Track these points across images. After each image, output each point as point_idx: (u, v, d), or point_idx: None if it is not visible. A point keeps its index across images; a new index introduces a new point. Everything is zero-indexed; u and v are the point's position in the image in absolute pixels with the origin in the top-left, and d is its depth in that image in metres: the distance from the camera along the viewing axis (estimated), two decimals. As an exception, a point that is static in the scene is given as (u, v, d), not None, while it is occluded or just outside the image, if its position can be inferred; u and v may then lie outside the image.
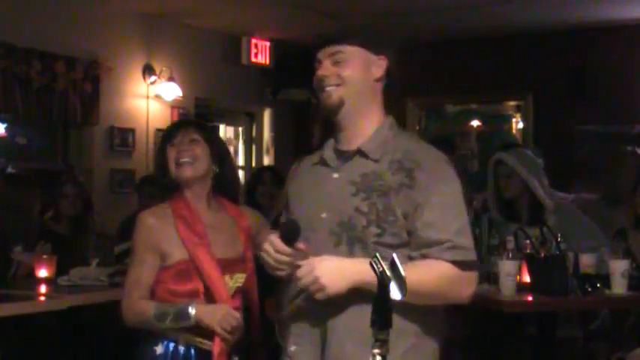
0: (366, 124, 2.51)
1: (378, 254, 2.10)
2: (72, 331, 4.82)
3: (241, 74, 8.57)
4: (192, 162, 3.12)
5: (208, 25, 8.08)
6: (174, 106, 7.79)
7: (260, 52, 8.54)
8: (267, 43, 8.59)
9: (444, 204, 2.39)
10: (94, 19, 7.13)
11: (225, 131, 9.14)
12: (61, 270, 4.76)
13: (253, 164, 9.05)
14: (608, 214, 5.35)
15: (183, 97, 7.72)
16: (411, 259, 2.38)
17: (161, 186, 3.25)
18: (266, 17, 7.79)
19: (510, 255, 3.99)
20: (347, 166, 2.49)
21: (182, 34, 7.99)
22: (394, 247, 2.34)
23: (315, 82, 2.52)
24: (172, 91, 7.61)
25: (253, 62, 8.48)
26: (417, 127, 9.22)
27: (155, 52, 7.68)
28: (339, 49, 2.48)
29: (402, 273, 2.07)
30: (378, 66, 2.53)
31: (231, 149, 9.04)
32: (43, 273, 4.67)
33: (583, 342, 4.93)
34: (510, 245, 4.20)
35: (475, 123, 10.05)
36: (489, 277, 4.40)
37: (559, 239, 4.03)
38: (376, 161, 2.45)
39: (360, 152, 2.48)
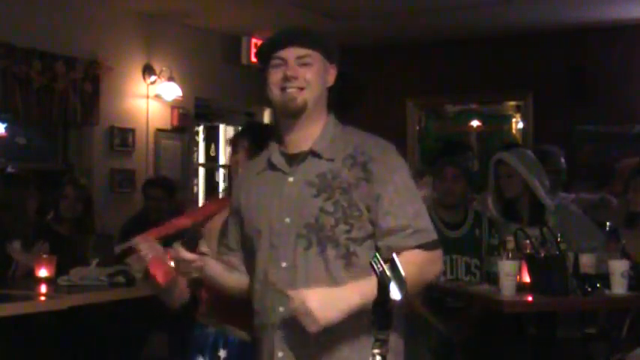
0: (315, 126, 2.53)
1: (377, 254, 2.11)
2: (72, 331, 4.82)
3: (241, 74, 8.57)
4: None
5: (208, 25, 8.08)
6: (174, 106, 7.80)
7: (260, 52, 8.53)
8: (267, 43, 8.58)
9: (399, 191, 2.44)
10: (93, 19, 7.13)
11: (224, 131, 9.15)
12: (61, 270, 4.76)
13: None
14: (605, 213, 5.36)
15: (183, 96, 7.72)
16: (377, 249, 2.41)
17: None
18: (266, 17, 7.78)
19: (510, 255, 3.99)
20: (300, 168, 2.49)
21: (182, 34, 7.99)
22: (363, 240, 2.42)
23: (274, 80, 2.52)
24: (172, 91, 7.61)
25: (253, 62, 8.47)
26: (417, 127, 9.22)
27: (155, 52, 7.68)
28: (308, 52, 2.49)
29: (402, 273, 2.07)
30: (331, 74, 2.57)
31: (231, 149, 9.05)
32: (43, 273, 4.68)
33: (582, 342, 4.93)
34: (510, 245, 4.20)
35: (475, 123, 10.05)
36: (489, 277, 4.41)
37: (559, 239, 4.03)
38: (330, 160, 2.47)
39: (313, 153, 2.49)
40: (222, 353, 3.19)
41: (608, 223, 4.50)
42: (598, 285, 4.14)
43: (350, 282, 2.36)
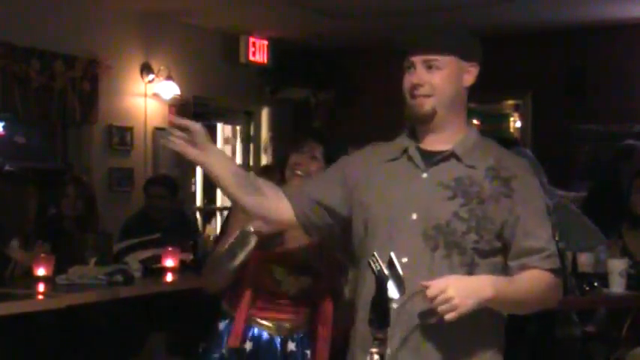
0: (453, 128, 2.49)
1: (375, 253, 2.10)
2: (70, 330, 4.81)
3: (239, 73, 8.57)
4: None
5: (206, 23, 8.08)
6: (172, 104, 7.79)
7: (258, 51, 8.54)
8: (265, 42, 8.59)
9: (538, 213, 2.43)
10: (92, 18, 7.12)
11: (223, 130, 9.14)
12: (59, 268, 4.75)
13: (251, 163, 9.05)
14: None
15: (181, 95, 7.72)
16: (507, 267, 2.41)
17: None
18: (264, 16, 7.78)
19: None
20: (438, 167, 2.44)
21: (180, 32, 7.99)
22: (488, 255, 2.39)
23: (406, 87, 2.47)
24: (170, 89, 7.61)
25: (251, 61, 8.48)
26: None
27: (153, 51, 7.68)
28: (435, 57, 2.44)
29: (400, 272, 2.07)
30: (470, 73, 2.51)
31: (229, 148, 9.06)
32: (41, 272, 4.66)
33: (581, 342, 4.93)
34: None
35: (474, 122, 10.05)
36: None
37: (557, 238, 4.03)
38: (471, 167, 2.43)
39: (454, 155, 2.45)
40: (247, 345, 3.20)
41: None
42: (596, 284, 4.15)
43: (483, 274, 2.36)
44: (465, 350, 2.40)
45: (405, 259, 2.32)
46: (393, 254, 2.11)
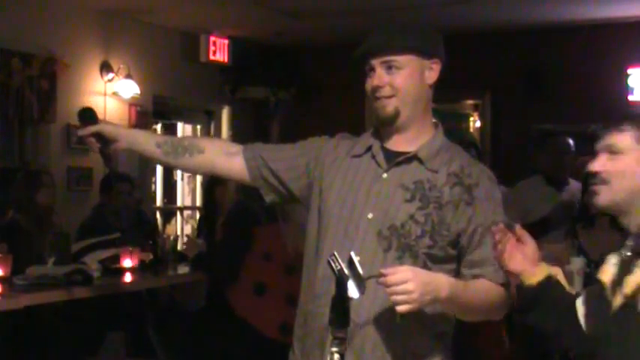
0: (418, 128, 2.47)
1: (335, 252, 2.11)
2: (28, 330, 4.77)
3: (200, 72, 8.54)
4: None
5: (166, 22, 8.04)
6: (132, 103, 7.74)
7: (218, 50, 8.51)
8: (226, 41, 8.57)
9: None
10: (50, 15, 7.05)
11: (183, 129, 9.11)
12: (17, 268, 4.70)
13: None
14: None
15: (141, 94, 7.67)
16: (460, 275, 2.41)
17: None
18: (224, 15, 7.76)
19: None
20: (399, 169, 2.43)
21: (140, 31, 7.94)
22: (440, 261, 2.38)
23: (368, 90, 2.48)
24: (130, 88, 7.56)
25: (212, 60, 8.45)
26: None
27: (113, 49, 7.62)
28: (393, 58, 2.42)
29: (361, 271, 2.08)
30: (432, 70, 2.49)
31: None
32: (-2, 272, 4.62)
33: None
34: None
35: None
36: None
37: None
38: (433, 171, 2.41)
39: (417, 158, 2.43)
40: None
41: None
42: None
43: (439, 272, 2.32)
44: (410, 354, 2.38)
45: (357, 258, 2.33)
46: (353, 253, 2.11)
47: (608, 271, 2.19)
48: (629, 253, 2.15)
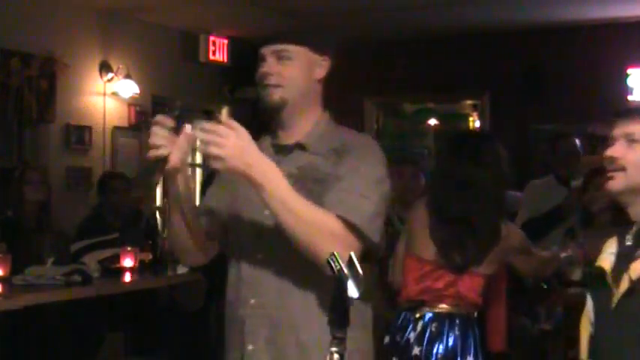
0: (305, 121, 2.50)
1: (335, 253, 2.11)
2: (27, 331, 4.77)
3: (199, 72, 8.54)
4: None
5: (166, 22, 8.04)
6: (131, 103, 7.74)
7: (218, 50, 8.52)
8: (225, 41, 8.57)
9: (362, 176, 2.35)
10: (49, 15, 7.05)
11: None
12: (16, 268, 4.70)
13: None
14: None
15: (140, 94, 7.67)
16: None
17: None
18: (224, 15, 7.77)
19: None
20: (285, 160, 2.44)
21: (139, 31, 7.94)
22: None
23: (257, 78, 2.50)
24: (129, 88, 7.56)
25: (211, 60, 8.45)
26: (375, 126, 9.24)
27: (112, 49, 7.62)
28: (285, 47, 2.45)
29: (360, 271, 2.08)
30: (321, 67, 2.51)
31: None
32: (-3, 272, 4.62)
33: (538, 340, 4.98)
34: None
35: (432, 122, 10.11)
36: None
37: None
38: (317, 155, 2.43)
39: (299, 146, 2.46)
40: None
41: None
42: (553, 282, 4.19)
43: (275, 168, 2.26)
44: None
45: (259, 255, 2.42)
46: (352, 253, 2.11)
47: (606, 260, 2.21)
48: (629, 243, 2.17)
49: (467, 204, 3.56)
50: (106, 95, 7.55)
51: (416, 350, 3.54)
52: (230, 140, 2.18)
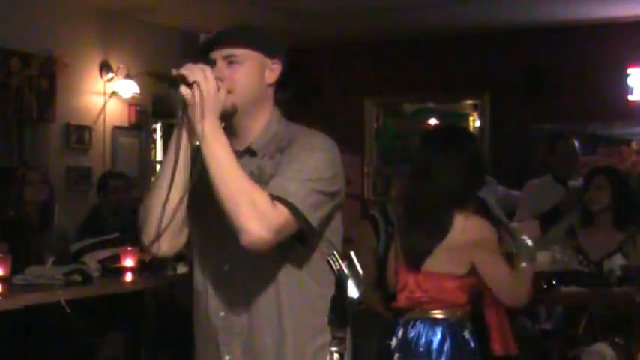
0: (256, 124, 2.45)
1: (335, 252, 2.11)
2: (27, 330, 4.77)
3: (199, 72, 8.53)
4: None
5: (166, 21, 8.04)
6: (131, 103, 7.75)
7: (218, 50, 8.51)
8: (226, 41, 8.56)
9: (295, 166, 2.31)
10: (50, 15, 7.06)
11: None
12: (16, 268, 4.70)
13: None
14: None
15: (140, 94, 7.67)
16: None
17: None
18: (225, 14, 7.76)
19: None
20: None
21: (139, 30, 7.94)
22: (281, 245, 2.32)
23: None
24: (130, 88, 7.56)
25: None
26: (375, 126, 9.25)
27: (112, 49, 7.62)
28: (234, 52, 2.40)
29: (360, 271, 2.08)
30: (272, 70, 2.47)
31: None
32: (-3, 271, 4.61)
33: (538, 340, 4.98)
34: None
35: (432, 122, 10.11)
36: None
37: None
38: (263, 157, 2.40)
39: (249, 151, 2.42)
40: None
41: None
42: (553, 282, 4.19)
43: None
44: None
45: (225, 267, 2.41)
46: (352, 253, 2.11)
47: None
48: None
49: (417, 191, 3.50)
50: (106, 95, 7.55)
51: (395, 357, 3.48)
52: (196, 77, 2.30)
